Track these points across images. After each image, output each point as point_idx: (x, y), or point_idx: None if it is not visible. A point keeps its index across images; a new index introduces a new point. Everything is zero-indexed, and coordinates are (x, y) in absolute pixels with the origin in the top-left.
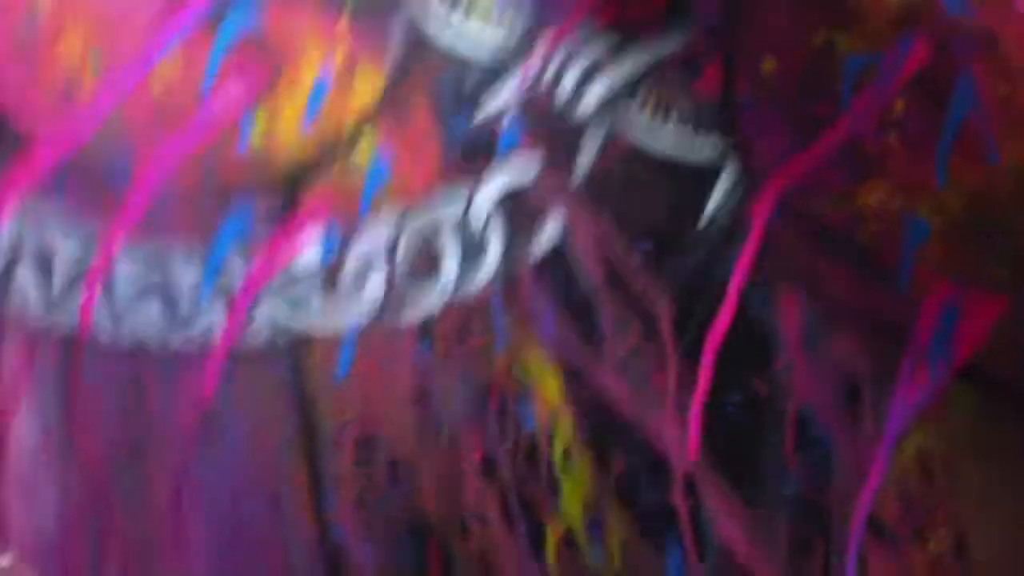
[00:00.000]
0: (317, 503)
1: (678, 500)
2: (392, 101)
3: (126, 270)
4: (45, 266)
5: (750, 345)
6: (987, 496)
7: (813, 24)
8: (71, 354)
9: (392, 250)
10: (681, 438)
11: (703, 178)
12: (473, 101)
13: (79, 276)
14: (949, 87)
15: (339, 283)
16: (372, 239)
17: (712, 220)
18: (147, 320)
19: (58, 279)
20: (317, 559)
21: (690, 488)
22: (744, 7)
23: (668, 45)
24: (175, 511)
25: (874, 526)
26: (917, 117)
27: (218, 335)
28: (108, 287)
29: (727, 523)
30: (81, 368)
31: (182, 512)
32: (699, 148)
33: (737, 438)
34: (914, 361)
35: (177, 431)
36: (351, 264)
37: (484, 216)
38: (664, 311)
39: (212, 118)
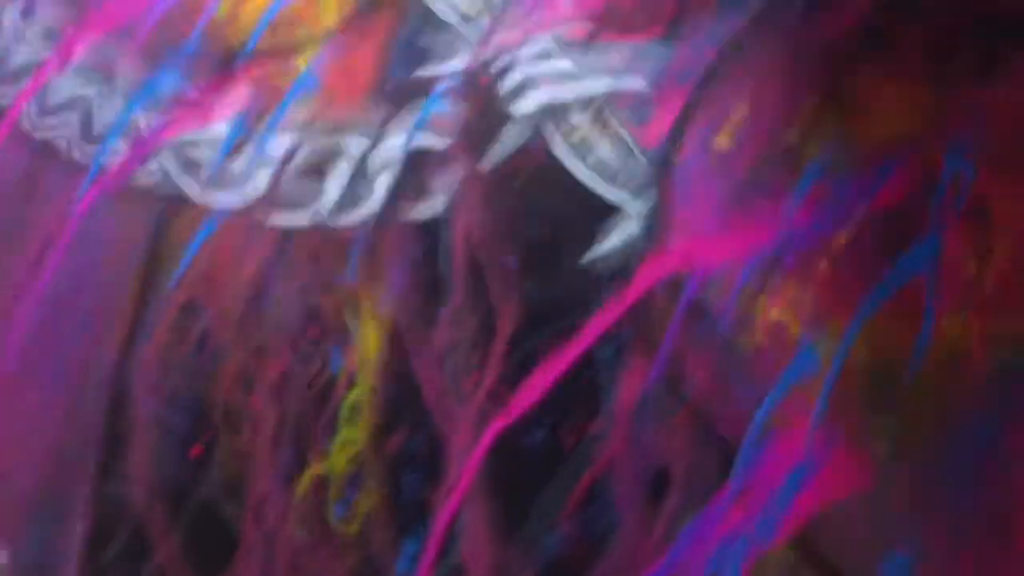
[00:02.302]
0: (128, 342)
1: (438, 503)
2: (351, 25)
3: (67, 77)
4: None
5: (577, 391)
6: None
7: (790, 115)
8: None
9: (289, 156)
10: (467, 448)
11: (606, 218)
12: (422, 55)
13: (30, 67)
14: (909, 238)
15: (231, 165)
16: (276, 138)
17: (597, 261)
18: (63, 126)
19: (12, 62)
20: (104, 387)
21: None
22: (731, 81)
23: (635, 82)
24: (23, 290)
25: None
26: (859, 254)
27: (113, 164)
28: (48, 85)
29: (475, 546)
30: None
31: (29, 291)
32: (615, 189)
33: (522, 473)
34: (734, 499)
35: (49, 227)
36: (248, 152)
37: (382, 161)
38: (506, 320)
39: None
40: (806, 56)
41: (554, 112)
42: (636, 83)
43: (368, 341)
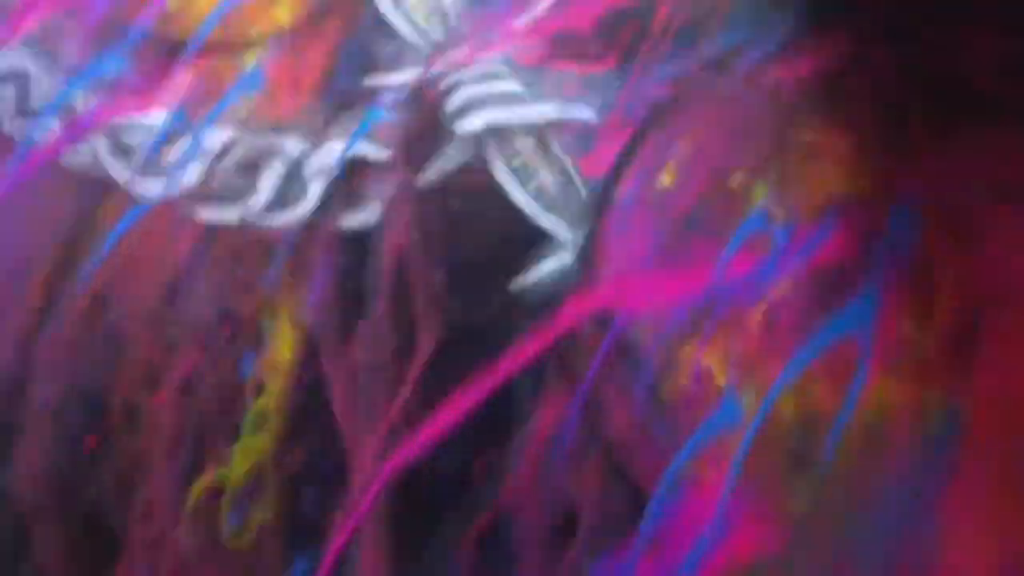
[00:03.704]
0: (33, 326)
1: (336, 524)
2: (302, 29)
3: (11, 51)
4: None
5: (491, 421)
6: None
7: (739, 160)
8: None
9: (224, 150)
10: (372, 470)
11: (540, 246)
12: (371, 63)
13: None
14: (846, 294)
15: (164, 155)
16: (213, 133)
17: (525, 288)
18: (1, 99)
19: None
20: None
21: (353, 521)
22: (679, 121)
23: (582, 111)
24: None
25: None
26: (793, 306)
27: (45, 142)
28: None
29: (369, 572)
30: None
31: None
32: (552, 217)
33: (426, 499)
34: (642, 550)
35: None
36: (183, 143)
37: (318, 166)
38: (426, 342)
39: None
40: (756, 103)
41: (497, 134)
42: (583, 112)
43: (282, 348)
